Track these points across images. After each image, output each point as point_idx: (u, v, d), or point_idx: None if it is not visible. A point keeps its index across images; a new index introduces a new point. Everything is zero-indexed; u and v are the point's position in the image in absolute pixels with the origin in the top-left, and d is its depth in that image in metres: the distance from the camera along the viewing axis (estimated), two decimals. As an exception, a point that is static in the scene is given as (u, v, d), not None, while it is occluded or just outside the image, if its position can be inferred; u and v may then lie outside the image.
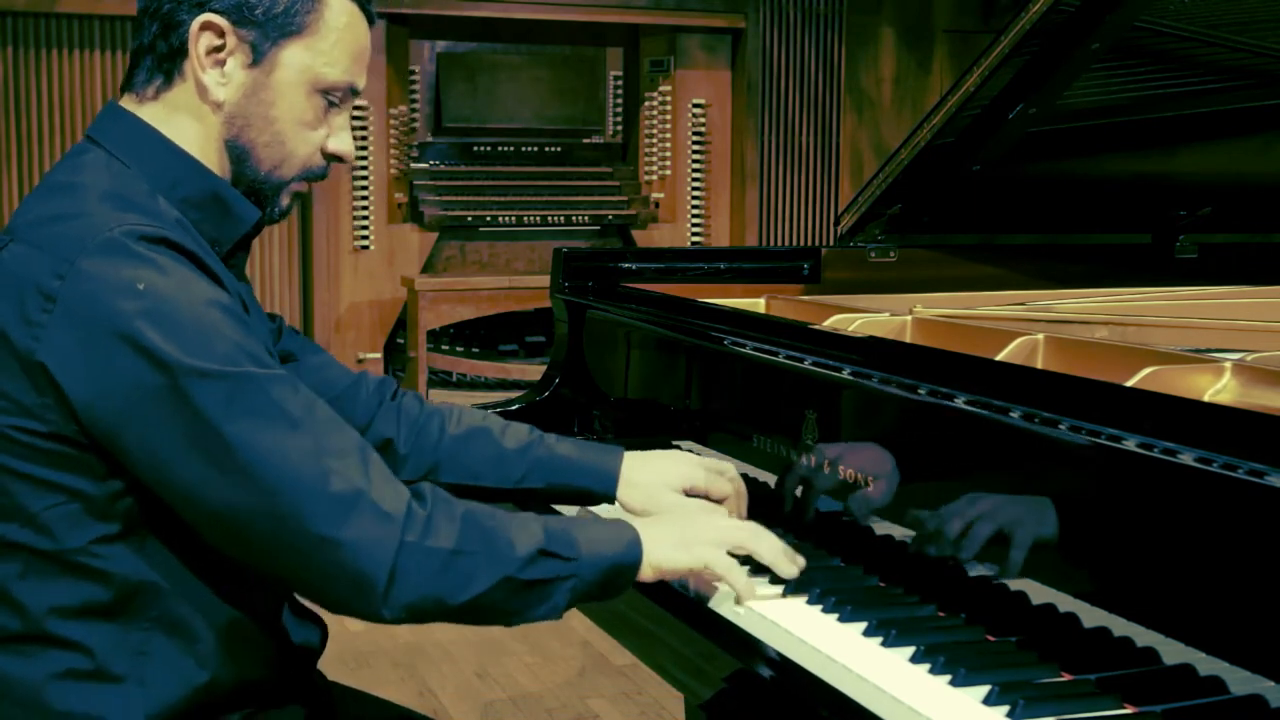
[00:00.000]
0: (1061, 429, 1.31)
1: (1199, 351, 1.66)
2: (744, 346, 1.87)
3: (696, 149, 7.45)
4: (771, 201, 7.45)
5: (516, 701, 3.56)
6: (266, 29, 1.46)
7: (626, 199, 7.34)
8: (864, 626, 1.41)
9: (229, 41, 1.46)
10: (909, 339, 1.92)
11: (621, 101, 7.67)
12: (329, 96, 1.51)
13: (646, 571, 1.48)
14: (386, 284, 6.88)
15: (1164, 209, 2.63)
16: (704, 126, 7.45)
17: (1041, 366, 1.67)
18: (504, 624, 1.43)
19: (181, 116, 1.48)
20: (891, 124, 7.68)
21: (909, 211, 2.54)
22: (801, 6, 7.35)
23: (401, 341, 6.96)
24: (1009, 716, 1.19)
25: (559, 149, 7.40)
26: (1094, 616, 1.28)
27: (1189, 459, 1.17)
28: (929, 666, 1.30)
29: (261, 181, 1.51)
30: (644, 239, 7.37)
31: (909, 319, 1.95)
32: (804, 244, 7.43)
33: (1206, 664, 1.16)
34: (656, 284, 2.35)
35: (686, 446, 2.02)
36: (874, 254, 2.54)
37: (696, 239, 7.48)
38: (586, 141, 7.54)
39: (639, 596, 1.64)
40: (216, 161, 1.49)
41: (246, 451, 1.32)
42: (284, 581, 1.41)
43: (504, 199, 7.10)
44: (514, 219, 7.08)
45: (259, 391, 1.34)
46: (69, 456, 1.35)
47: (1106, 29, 2.21)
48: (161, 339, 1.31)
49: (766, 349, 1.81)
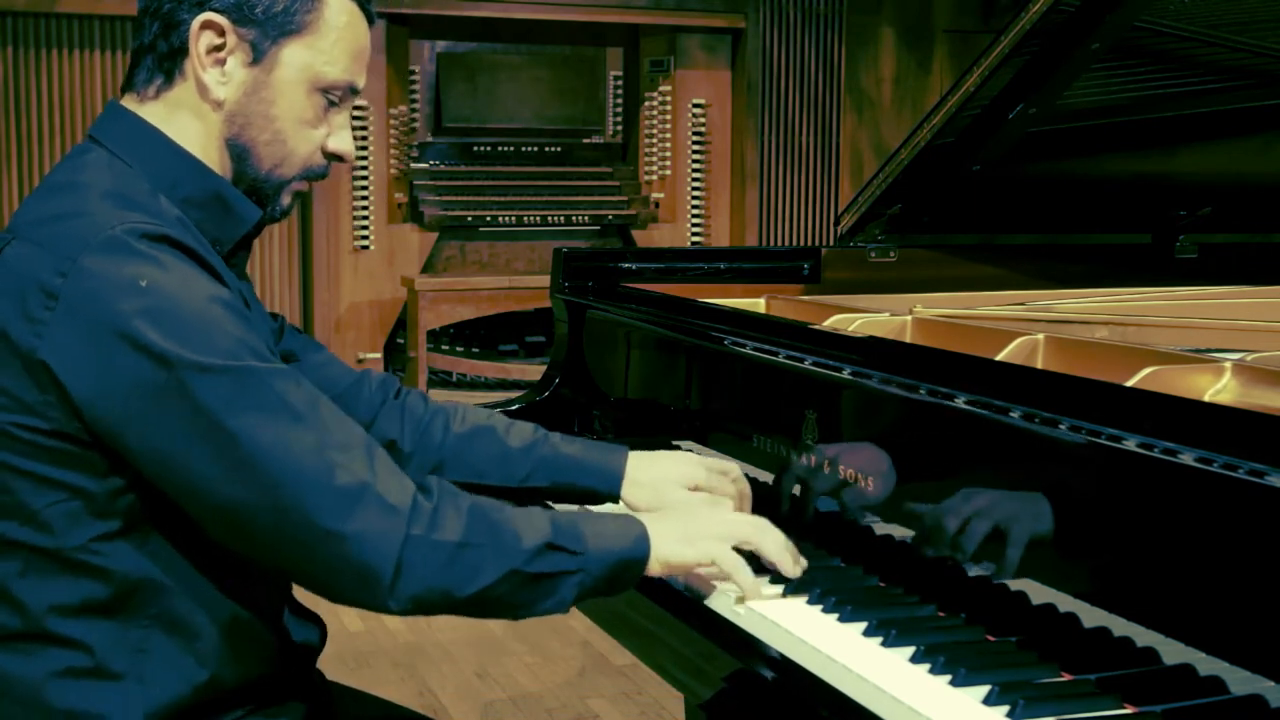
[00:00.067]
0: (1061, 429, 1.31)
1: (1199, 351, 1.66)
2: (744, 346, 1.87)
3: (696, 149, 7.45)
4: (771, 201, 7.45)
5: (516, 701, 3.56)
6: (266, 28, 1.46)
7: (626, 199, 7.35)
8: (864, 626, 1.41)
9: (229, 40, 1.46)
10: (909, 339, 1.91)
11: (621, 101, 7.68)
12: (329, 95, 1.51)
13: (654, 567, 1.48)
14: (386, 284, 6.88)
15: (1164, 209, 2.63)
16: (704, 126, 7.45)
17: (1041, 366, 1.67)
18: (511, 617, 1.43)
19: (182, 116, 1.48)
20: (891, 124, 7.69)
21: (909, 211, 2.54)
22: (801, 6, 7.35)
23: (401, 341, 6.96)
24: (1009, 716, 1.19)
25: (559, 149, 7.40)
26: (1094, 616, 1.28)
27: (1189, 459, 1.17)
28: (929, 666, 1.30)
29: (262, 180, 1.52)
30: (644, 239, 7.37)
31: (909, 319, 1.95)
32: (804, 244, 7.44)
33: (1206, 664, 1.16)
34: (656, 284, 2.35)
35: (687, 446, 2.02)
36: (874, 254, 2.54)
37: (696, 239, 7.48)
38: (586, 141, 7.54)
39: (639, 596, 1.64)
40: (217, 161, 1.50)
41: (250, 446, 1.32)
42: (289, 575, 1.41)
43: (504, 199, 7.11)
44: (514, 219, 7.09)
45: (262, 386, 1.34)
46: (70, 454, 1.35)
47: (1106, 29, 2.21)
48: (164, 335, 1.31)
49: (766, 349, 1.81)
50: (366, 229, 6.83)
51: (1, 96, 6.13)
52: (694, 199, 7.48)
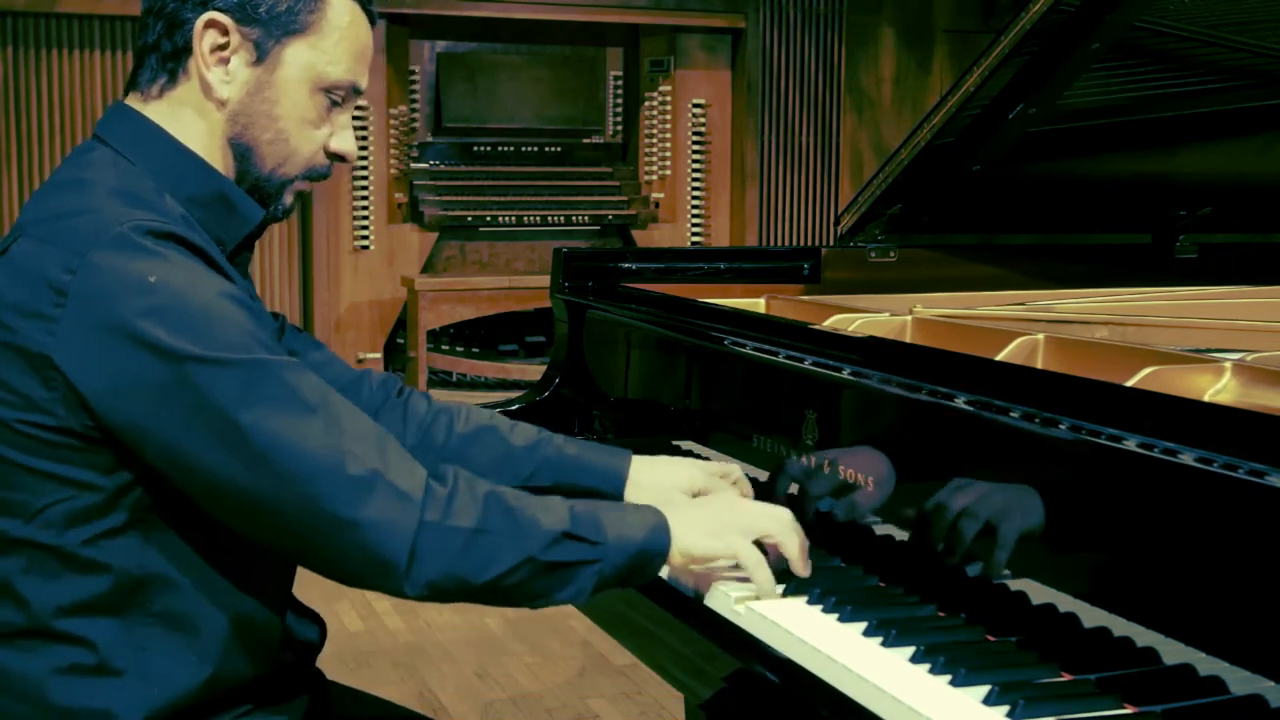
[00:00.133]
0: (1061, 429, 1.31)
1: (1199, 351, 1.66)
2: (744, 346, 1.87)
3: (696, 149, 7.46)
4: (771, 201, 7.45)
5: (516, 701, 3.56)
6: (270, 27, 1.47)
7: (626, 199, 7.35)
8: (864, 626, 1.41)
9: (233, 40, 1.47)
10: (909, 339, 1.91)
11: (621, 101, 7.68)
12: (332, 95, 1.52)
13: (676, 558, 1.49)
14: (386, 284, 6.88)
15: (1164, 209, 2.63)
16: (704, 126, 7.45)
17: (1041, 366, 1.67)
18: (529, 606, 1.44)
19: (186, 115, 1.49)
20: (891, 124, 7.69)
21: (909, 211, 2.54)
22: (801, 6, 7.35)
23: (401, 341, 6.96)
24: (1009, 716, 1.19)
25: (559, 149, 7.40)
26: (1094, 616, 1.28)
27: (1189, 459, 1.17)
28: (929, 666, 1.30)
29: (265, 180, 1.52)
30: (644, 239, 7.37)
31: (909, 319, 1.95)
32: (804, 244, 7.44)
33: (1206, 664, 1.16)
34: (656, 284, 2.35)
35: (686, 446, 2.02)
36: (874, 254, 2.54)
37: (696, 239, 7.48)
38: (586, 141, 7.54)
39: (639, 596, 1.64)
40: (221, 160, 1.50)
41: (263, 438, 1.33)
42: (306, 563, 1.42)
43: (504, 199, 7.11)
44: (514, 219, 7.09)
45: (273, 378, 1.35)
46: (76, 450, 1.36)
47: (1106, 29, 2.21)
48: (174, 331, 1.32)
49: (766, 349, 1.81)
50: (366, 229, 6.83)
51: (1, 96, 6.13)
52: (694, 199, 7.49)
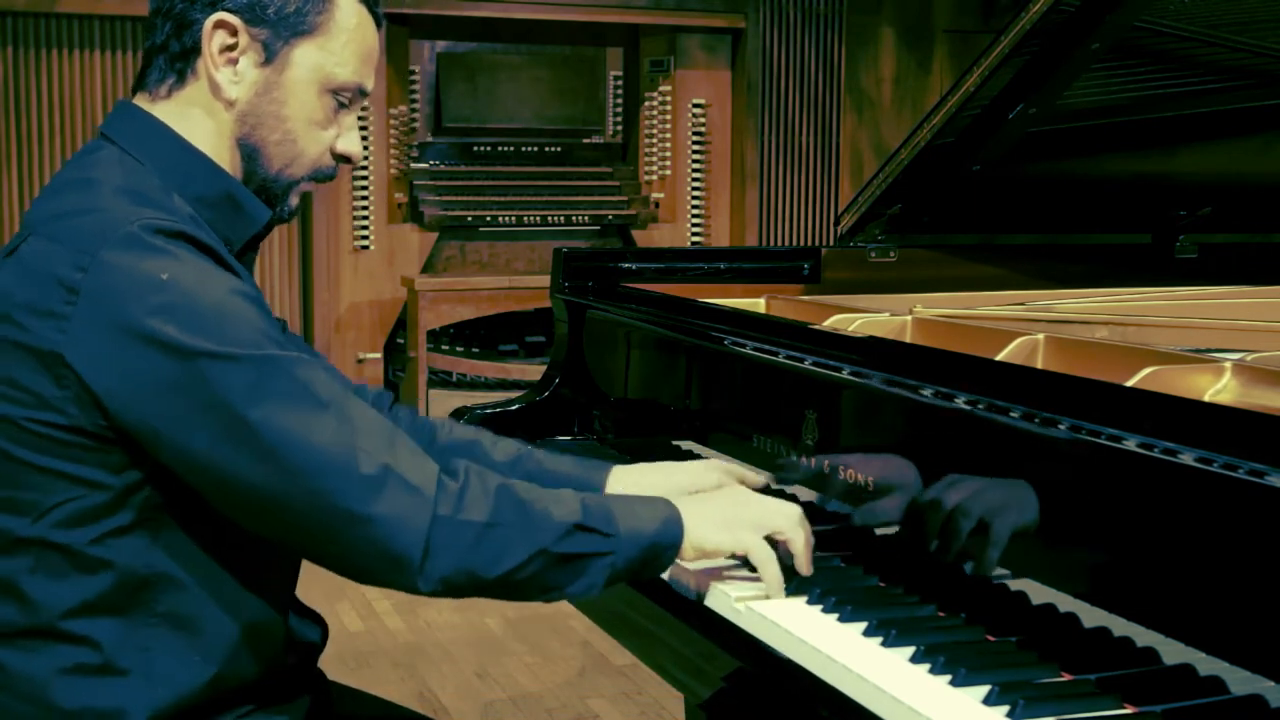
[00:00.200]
0: (1061, 429, 1.31)
1: (1199, 351, 1.66)
2: (744, 346, 1.87)
3: (696, 149, 7.45)
4: (771, 201, 7.45)
5: (516, 701, 3.56)
6: (278, 28, 1.48)
7: (626, 199, 7.35)
8: (864, 626, 1.41)
9: (241, 40, 1.47)
10: (909, 339, 1.92)
11: (621, 101, 7.68)
12: (339, 97, 1.53)
13: (688, 551, 1.49)
14: (386, 284, 6.88)
15: (1164, 209, 2.63)
16: (704, 126, 7.45)
17: (1041, 366, 1.67)
18: (542, 599, 1.44)
19: (194, 115, 1.49)
20: (891, 124, 7.69)
21: (909, 211, 2.54)
22: (801, 6, 7.35)
23: (401, 341, 6.96)
24: (1009, 716, 1.19)
25: (559, 149, 7.40)
26: (1094, 616, 1.28)
27: (1189, 459, 1.17)
28: (929, 666, 1.30)
29: (272, 180, 1.53)
30: (644, 239, 7.37)
31: (909, 319, 1.95)
32: (804, 244, 7.44)
33: (1206, 664, 1.16)
34: (656, 284, 2.35)
35: (686, 447, 2.02)
36: (874, 254, 2.54)
37: (696, 239, 7.48)
38: (586, 141, 7.54)
39: (639, 596, 1.64)
40: (228, 160, 1.51)
41: (275, 433, 1.33)
42: (319, 560, 1.41)
43: (504, 199, 7.11)
44: (514, 219, 7.08)
45: (285, 374, 1.35)
46: (86, 449, 1.36)
47: (1106, 29, 2.21)
48: (186, 328, 1.32)
49: (766, 349, 1.81)
50: (366, 229, 6.83)
51: (1, 96, 6.13)
52: (694, 199, 7.48)
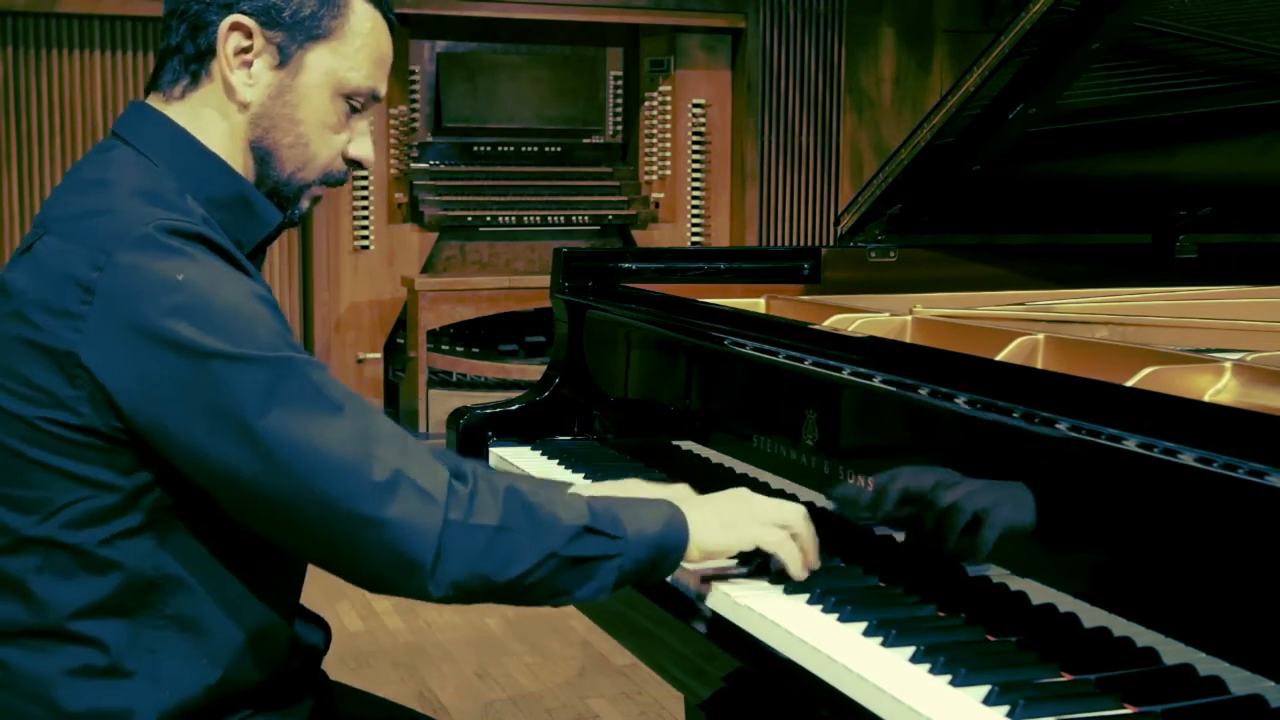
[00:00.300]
0: (1061, 429, 1.31)
1: (1199, 351, 1.66)
2: (744, 346, 1.87)
3: (696, 149, 7.45)
4: (771, 201, 7.45)
5: (516, 701, 3.56)
6: (293, 32, 1.48)
7: (626, 199, 7.35)
8: (864, 626, 1.41)
9: (256, 43, 1.47)
10: (909, 339, 1.92)
11: (621, 101, 7.68)
12: (352, 101, 1.53)
13: (693, 553, 1.49)
14: (386, 284, 6.88)
15: (1164, 209, 2.63)
16: (704, 126, 7.45)
17: (1041, 366, 1.67)
18: (550, 604, 1.44)
19: (208, 116, 1.49)
20: (891, 124, 7.69)
21: (909, 211, 2.54)
22: (801, 6, 7.35)
23: (401, 341, 6.96)
24: (1009, 716, 1.19)
25: (559, 149, 7.40)
26: (1094, 616, 1.28)
27: (1189, 459, 1.17)
28: (929, 666, 1.30)
29: (283, 184, 1.53)
30: (644, 239, 7.37)
31: (909, 319, 1.95)
32: (804, 244, 7.44)
33: (1206, 664, 1.16)
34: (656, 284, 2.35)
35: (686, 447, 2.03)
36: (874, 254, 2.54)
37: (696, 239, 7.48)
38: (586, 141, 7.54)
39: (639, 596, 1.64)
40: (241, 163, 1.51)
41: (289, 437, 1.33)
42: (329, 566, 1.41)
43: (504, 199, 7.11)
44: (514, 219, 7.08)
45: (301, 377, 1.35)
46: (97, 449, 1.35)
47: (1106, 29, 2.21)
48: (202, 329, 1.32)
49: (766, 349, 1.81)
50: (366, 229, 6.83)
51: (1, 96, 6.13)
52: (694, 199, 7.48)
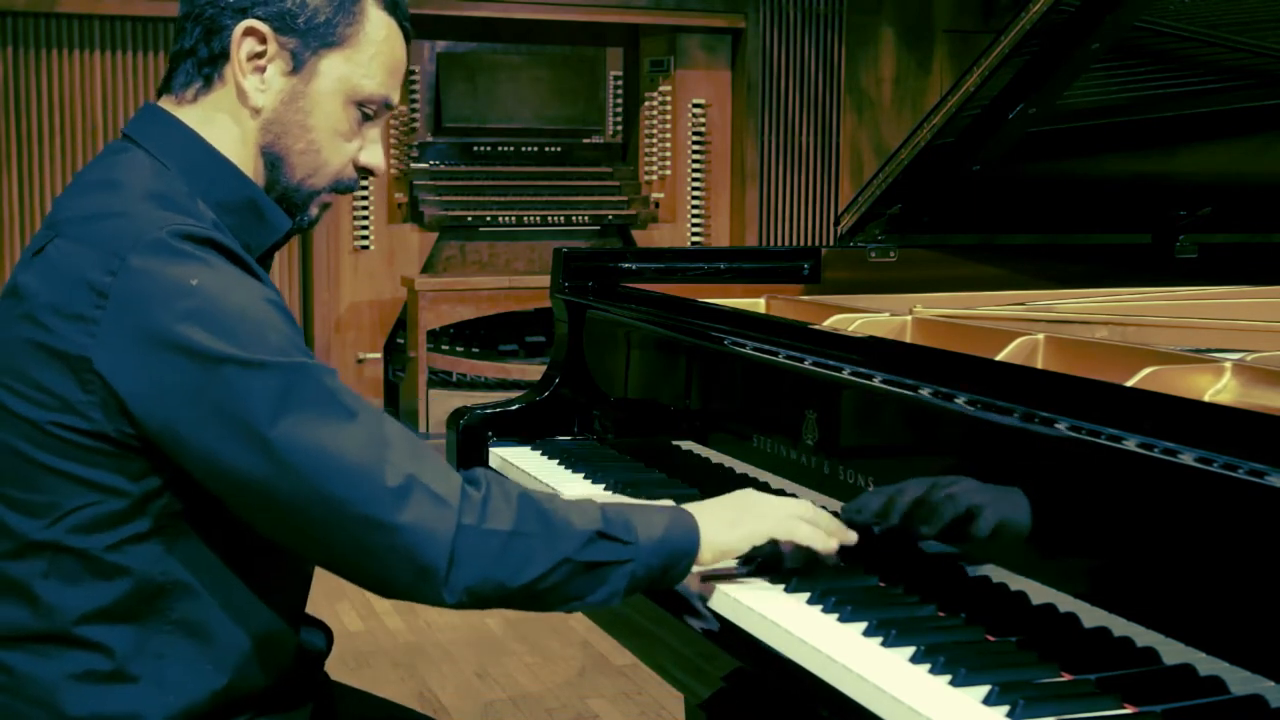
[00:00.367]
0: (1061, 429, 1.31)
1: (1199, 351, 1.66)
2: (744, 346, 1.87)
3: (696, 149, 7.45)
4: (771, 201, 7.45)
5: (516, 701, 3.56)
6: (307, 38, 1.47)
7: (626, 199, 7.35)
8: (864, 626, 1.41)
9: (270, 48, 1.47)
10: (909, 339, 1.92)
11: (621, 101, 7.68)
12: (364, 109, 1.52)
13: (706, 554, 1.50)
14: (386, 284, 6.88)
15: (1164, 209, 2.63)
16: (704, 126, 7.45)
17: (1041, 366, 1.67)
18: (563, 609, 1.44)
19: (220, 120, 1.49)
20: (891, 124, 7.69)
21: (909, 211, 2.54)
22: (801, 6, 7.35)
23: (401, 341, 6.96)
24: (1009, 716, 1.19)
25: (559, 149, 7.40)
26: (1094, 616, 1.28)
27: (1189, 459, 1.17)
28: (929, 666, 1.30)
29: (293, 190, 1.52)
30: (644, 239, 7.37)
31: (909, 319, 1.95)
32: (804, 244, 7.44)
33: (1206, 664, 1.16)
34: (656, 284, 2.35)
35: (686, 447, 2.03)
36: (874, 254, 2.54)
37: (696, 239, 7.48)
38: (586, 141, 7.54)
39: (639, 596, 1.64)
40: (251, 168, 1.50)
41: (303, 443, 1.32)
42: (344, 572, 1.40)
43: (504, 199, 7.11)
44: (514, 219, 7.09)
45: (314, 382, 1.35)
46: (107, 454, 1.35)
47: (1106, 29, 2.21)
48: (215, 334, 1.32)
49: (766, 349, 1.81)
50: (366, 229, 6.83)
51: (1, 96, 6.13)
52: (694, 199, 7.48)
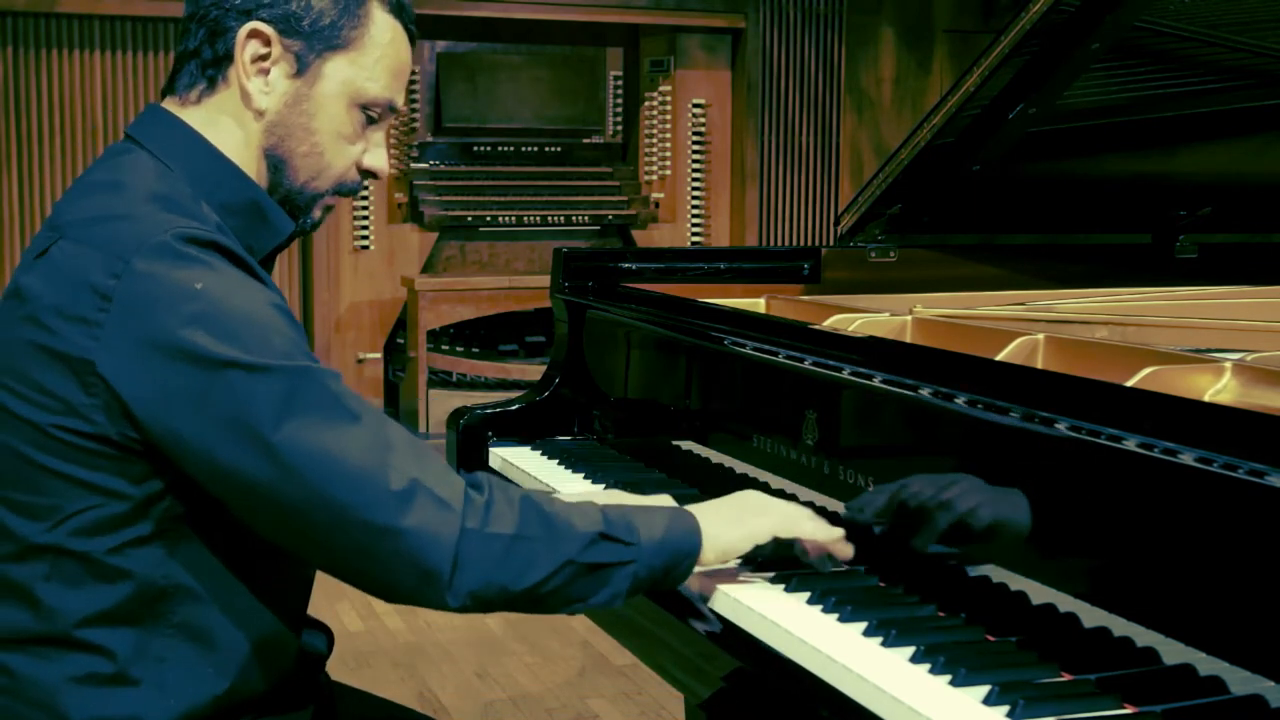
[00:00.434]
0: (1061, 429, 1.31)
1: (1199, 351, 1.66)
2: (744, 346, 1.87)
3: (696, 149, 7.46)
4: (771, 201, 7.45)
5: (516, 701, 3.56)
6: (312, 41, 1.47)
7: (626, 199, 7.35)
8: (864, 626, 1.41)
9: (274, 50, 1.47)
10: (909, 339, 1.92)
11: (621, 101, 7.68)
12: (368, 112, 1.52)
13: (709, 554, 1.50)
14: (386, 284, 6.88)
15: (1164, 209, 2.63)
16: (704, 126, 7.46)
17: (1041, 366, 1.67)
18: (567, 611, 1.44)
19: (223, 122, 1.49)
20: (891, 124, 7.69)
21: (909, 211, 2.54)
22: (801, 6, 7.35)
23: (401, 341, 6.96)
24: (1009, 716, 1.19)
25: (559, 149, 7.40)
26: (1094, 616, 1.28)
27: (1189, 459, 1.17)
28: (929, 666, 1.30)
29: (296, 192, 1.52)
30: (644, 239, 7.37)
31: (909, 319, 1.95)
32: (804, 244, 7.44)
33: (1206, 664, 1.16)
34: (656, 284, 2.35)
35: (686, 446, 2.03)
36: (874, 254, 2.54)
37: (696, 239, 7.48)
38: (586, 141, 7.54)
39: (639, 597, 1.64)
40: (255, 170, 1.50)
41: (307, 447, 1.32)
42: (347, 576, 1.40)
43: (504, 199, 7.11)
44: (514, 219, 7.09)
45: (318, 386, 1.35)
46: (109, 457, 1.34)
47: (1106, 29, 2.21)
48: (220, 337, 1.31)
49: (766, 349, 1.81)
50: (366, 229, 6.83)
51: (1, 96, 6.13)
52: (694, 199, 7.49)
